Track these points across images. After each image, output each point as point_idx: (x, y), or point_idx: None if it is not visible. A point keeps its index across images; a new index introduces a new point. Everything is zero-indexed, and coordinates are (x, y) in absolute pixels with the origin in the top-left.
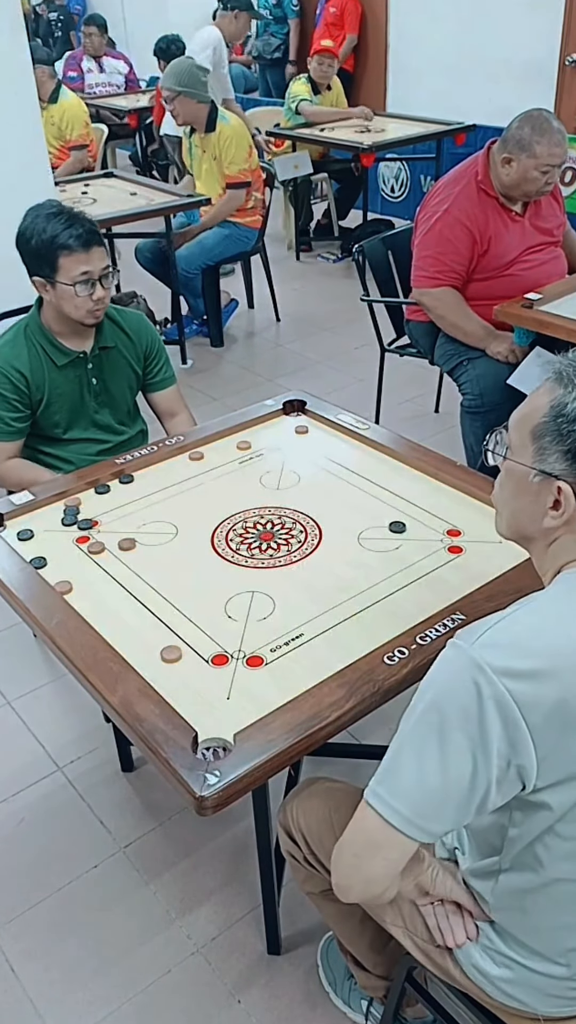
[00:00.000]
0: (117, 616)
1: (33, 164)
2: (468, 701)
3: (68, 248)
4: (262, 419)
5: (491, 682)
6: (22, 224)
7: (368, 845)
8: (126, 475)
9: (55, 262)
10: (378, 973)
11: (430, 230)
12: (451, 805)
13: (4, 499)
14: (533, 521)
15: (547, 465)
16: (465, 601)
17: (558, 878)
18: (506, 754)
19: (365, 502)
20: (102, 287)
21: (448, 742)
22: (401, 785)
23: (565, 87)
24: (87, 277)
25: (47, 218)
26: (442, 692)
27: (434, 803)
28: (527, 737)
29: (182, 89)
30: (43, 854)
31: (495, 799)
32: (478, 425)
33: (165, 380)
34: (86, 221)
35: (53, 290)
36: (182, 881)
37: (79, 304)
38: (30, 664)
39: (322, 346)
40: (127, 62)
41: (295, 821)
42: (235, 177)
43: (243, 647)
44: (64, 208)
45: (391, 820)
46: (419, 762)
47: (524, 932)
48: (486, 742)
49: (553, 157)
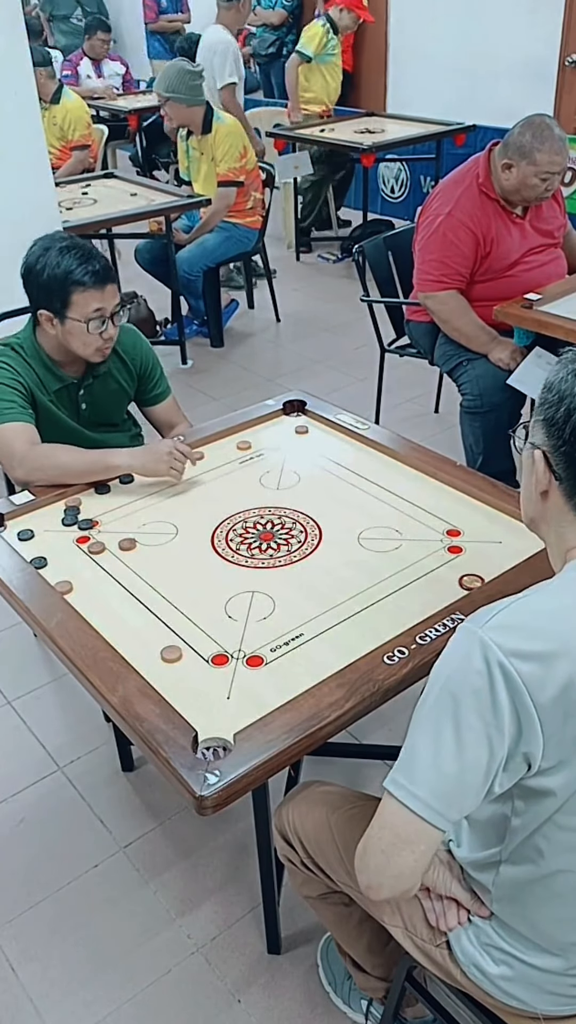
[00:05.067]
0: (117, 616)
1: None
2: (480, 683)
3: (83, 285)
4: (262, 419)
5: (501, 663)
6: (31, 255)
7: (395, 839)
8: (126, 475)
9: (67, 298)
10: (377, 974)
11: (433, 233)
12: (469, 789)
13: (4, 499)
14: (529, 499)
15: (535, 437)
16: (465, 601)
17: (559, 870)
18: (515, 735)
19: (365, 502)
20: (113, 325)
21: (463, 726)
22: (419, 772)
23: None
24: (100, 315)
25: (60, 252)
26: (454, 676)
27: (453, 788)
28: (534, 718)
29: (170, 95)
30: (43, 854)
31: (502, 780)
32: (478, 425)
33: (161, 394)
34: (101, 257)
35: (61, 326)
36: (182, 881)
37: (88, 342)
38: (30, 664)
39: (322, 346)
40: (124, 63)
41: (291, 825)
42: (225, 176)
43: (243, 647)
44: (77, 242)
45: (414, 808)
46: (435, 747)
47: (523, 924)
48: (499, 723)
49: (553, 165)
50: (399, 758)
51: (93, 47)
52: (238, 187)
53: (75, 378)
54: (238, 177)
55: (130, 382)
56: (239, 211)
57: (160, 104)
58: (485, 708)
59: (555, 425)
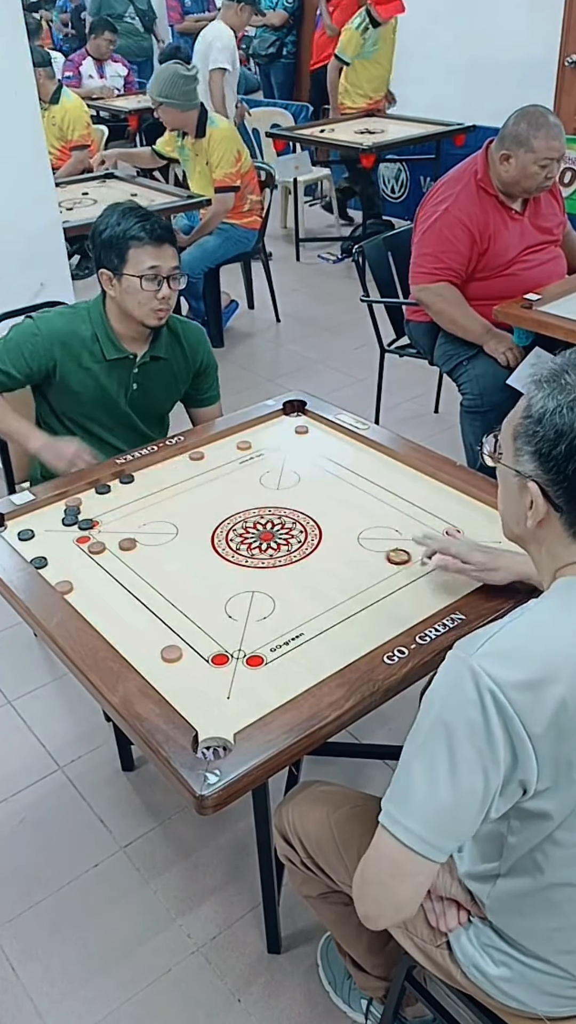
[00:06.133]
0: (117, 616)
1: (33, 164)
2: (474, 714)
3: (139, 240)
4: (262, 419)
5: (493, 693)
6: (97, 219)
7: (393, 872)
8: (126, 475)
9: (124, 253)
10: (377, 974)
11: (429, 228)
12: (464, 818)
13: (4, 499)
14: (518, 522)
15: (521, 465)
16: (465, 601)
17: (556, 883)
18: (511, 764)
19: (365, 502)
20: (169, 287)
21: (457, 757)
22: (414, 805)
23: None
24: (155, 272)
25: (123, 213)
26: (447, 705)
27: (448, 819)
28: (528, 746)
29: (164, 99)
30: (43, 854)
31: (499, 806)
32: (478, 425)
33: (211, 398)
34: (161, 220)
35: (119, 283)
36: (182, 881)
37: (143, 300)
38: (30, 664)
39: (322, 346)
40: (126, 65)
41: (291, 825)
42: (221, 181)
43: (243, 647)
44: (142, 209)
45: (408, 843)
46: (430, 779)
47: (520, 934)
48: (494, 753)
49: (552, 150)
50: (392, 788)
51: (98, 47)
52: (235, 192)
53: (132, 354)
54: (234, 182)
55: (186, 376)
56: (236, 212)
57: (154, 108)
58: (479, 738)
59: (553, 460)
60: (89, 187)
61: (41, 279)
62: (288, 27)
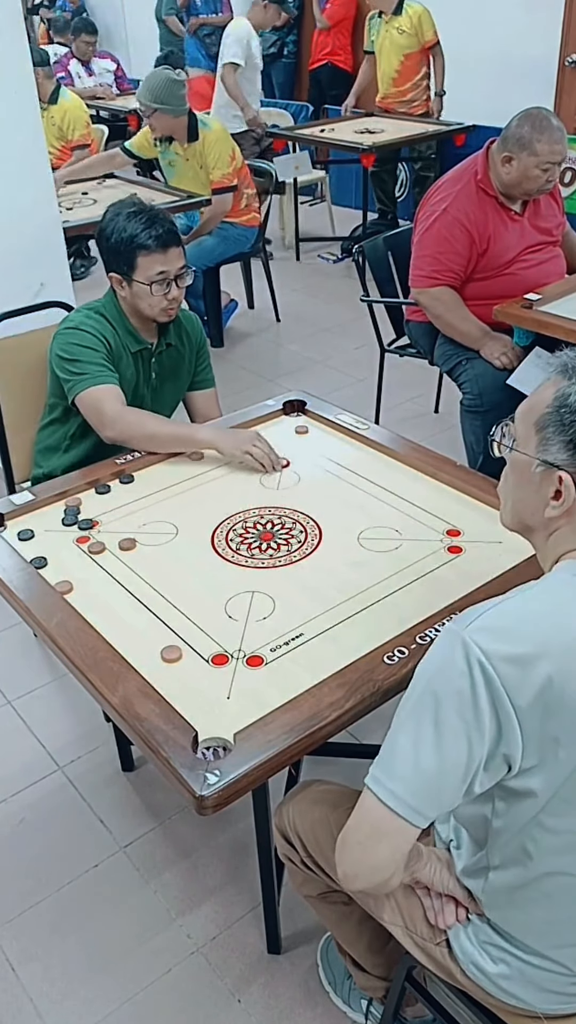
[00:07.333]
0: (117, 616)
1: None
2: (462, 684)
3: (146, 248)
4: (262, 419)
5: (482, 664)
6: (102, 220)
7: (372, 832)
8: (126, 475)
9: (133, 261)
10: (377, 974)
11: (428, 229)
12: (446, 787)
13: (4, 499)
14: (534, 512)
15: (549, 455)
16: (465, 601)
17: (548, 872)
18: (495, 736)
19: (365, 502)
20: (177, 286)
21: (443, 725)
22: (398, 769)
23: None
24: (163, 277)
25: (128, 217)
26: (436, 676)
27: (430, 786)
28: (513, 720)
29: (157, 106)
30: (43, 854)
31: (483, 780)
32: (478, 425)
33: (208, 380)
34: (165, 221)
35: (129, 287)
36: (182, 881)
37: (153, 303)
38: (30, 664)
39: (322, 346)
40: (114, 59)
41: (291, 824)
42: (219, 182)
43: (243, 647)
44: (144, 207)
45: (390, 804)
46: (415, 746)
47: (517, 929)
48: (480, 724)
49: (554, 154)
50: (380, 753)
51: (79, 48)
52: (233, 191)
53: (150, 343)
54: (232, 182)
55: (191, 359)
56: (234, 211)
57: (146, 114)
58: (466, 708)
59: None
60: (89, 187)
61: (41, 279)
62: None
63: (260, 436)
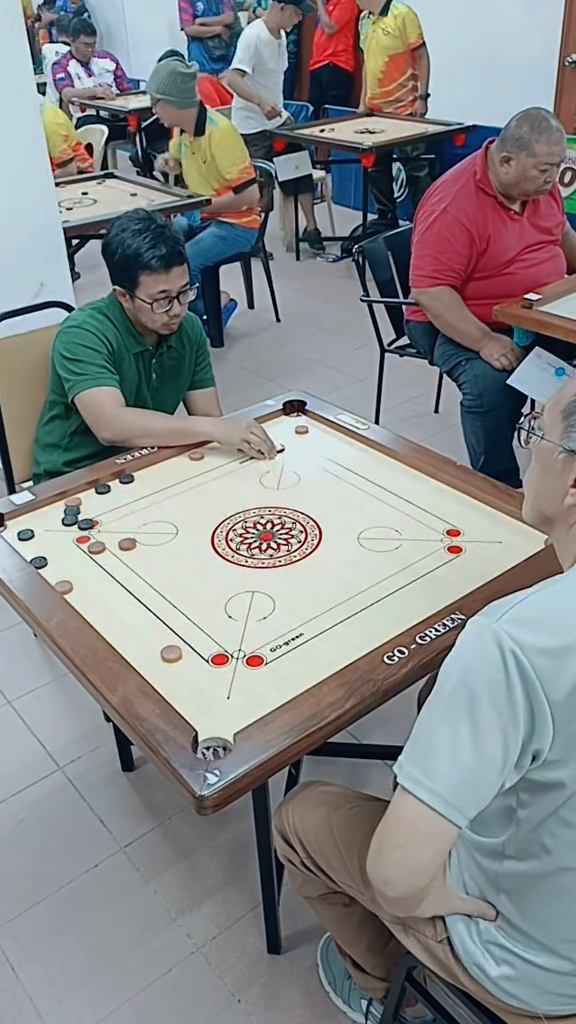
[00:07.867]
0: (117, 616)
1: (33, 164)
2: (497, 676)
3: (149, 268)
4: (262, 419)
5: (517, 657)
6: (109, 233)
7: (411, 833)
8: (126, 475)
9: (135, 278)
10: (377, 974)
11: (428, 229)
12: (484, 783)
13: (4, 499)
14: (554, 501)
15: (572, 442)
16: (465, 601)
17: (564, 867)
18: (529, 730)
19: (365, 502)
20: (179, 304)
21: (479, 719)
22: (437, 766)
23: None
24: (165, 295)
25: (133, 234)
26: (469, 669)
27: (470, 782)
28: (547, 713)
29: (160, 96)
30: (43, 854)
31: (512, 775)
32: (478, 425)
33: (207, 380)
34: (170, 239)
35: (131, 302)
36: (182, 881)
37: (155, 319)
38: (30, 664)
39: (322, 346)
40: (113, 59)
41: (291, 826)
42: (239, 179)
43: (243, 647)
44: (151, 223)
45: (432, 804)
46: (452, 741)
47: (526, 920)
48: (515, 717)
49: (552, 156)
50: (410, 751)
51: (79, 49)
52: (254, 183)
53: (151, 345)
54: (252, 175)
55: (191, 359)
56: (235, 211)
57: (152, 104)
58: (501, 701)
59: None
60: (89, 187)
61: (41, 279)
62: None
63: (256, 424)
